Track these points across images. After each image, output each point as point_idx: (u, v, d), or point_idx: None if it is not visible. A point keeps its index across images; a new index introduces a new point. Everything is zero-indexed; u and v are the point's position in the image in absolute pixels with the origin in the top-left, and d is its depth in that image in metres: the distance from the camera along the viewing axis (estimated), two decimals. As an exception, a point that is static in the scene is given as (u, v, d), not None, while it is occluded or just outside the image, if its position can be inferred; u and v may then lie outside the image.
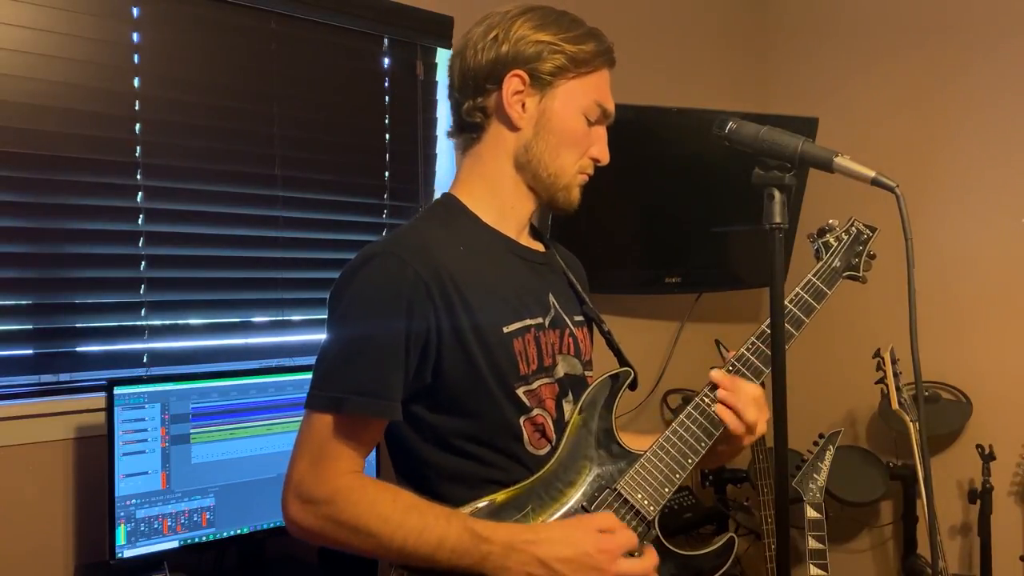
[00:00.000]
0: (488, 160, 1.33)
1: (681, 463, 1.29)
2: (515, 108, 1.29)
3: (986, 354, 2.69)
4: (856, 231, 1.47)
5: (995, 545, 2.47)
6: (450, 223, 1.30)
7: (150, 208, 1.95)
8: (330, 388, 1.17)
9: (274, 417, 1.89)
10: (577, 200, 1.35)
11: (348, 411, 1.16)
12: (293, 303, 2.20)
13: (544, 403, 1.28)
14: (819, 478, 2.33)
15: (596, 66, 1.31)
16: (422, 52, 2.39)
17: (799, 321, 1.37)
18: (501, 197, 1.33)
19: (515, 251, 1.34)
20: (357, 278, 1.21)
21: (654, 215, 2.65)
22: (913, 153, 2.82)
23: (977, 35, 2.71)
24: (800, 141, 1.15)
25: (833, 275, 1.42)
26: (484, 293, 1.24)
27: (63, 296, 1.86)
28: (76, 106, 1.85)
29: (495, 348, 1.22)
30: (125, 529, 1.69)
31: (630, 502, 1.26)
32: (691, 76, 3.01)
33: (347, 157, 2.30)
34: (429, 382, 1.21)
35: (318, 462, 1.17)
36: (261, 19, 2.11)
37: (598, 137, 1.34)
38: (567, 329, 1.36)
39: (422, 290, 1.18)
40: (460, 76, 1.33)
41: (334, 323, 1.22)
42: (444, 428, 1.23)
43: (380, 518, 1.14)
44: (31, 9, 1.78)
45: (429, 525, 1.14)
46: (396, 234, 1.30)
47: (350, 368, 1.17)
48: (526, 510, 1.21)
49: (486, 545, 1.14)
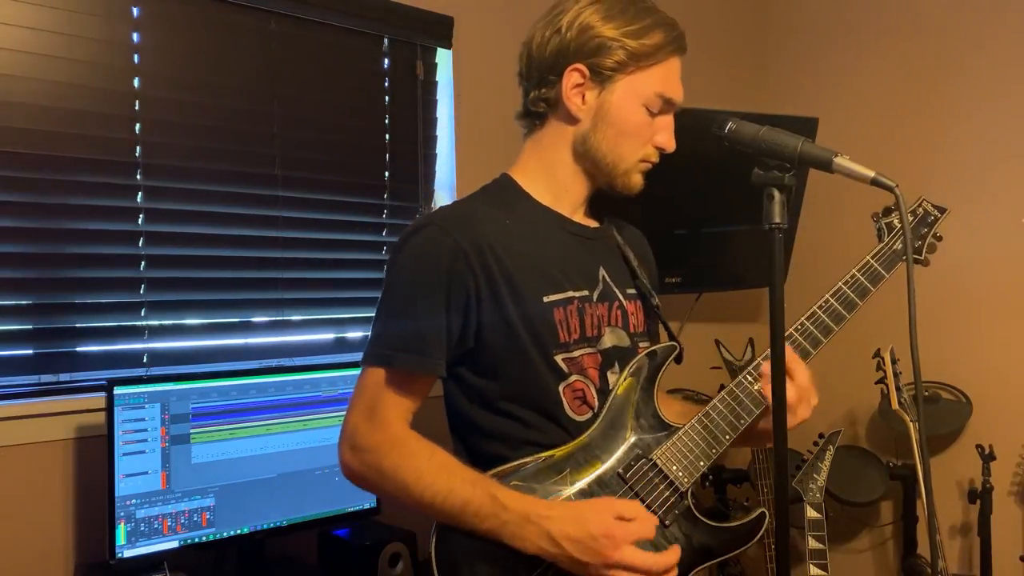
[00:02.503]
0: (548, 146, 1.37)
1: (719, 438, 1.32)
2: (574, 101, 1.32)
3: (986, 354, 2.69)
4: (924, 212, 1.47)
5: (995, 545, 2.47)
6: (502, 199, 1.36)
7: (150, 208, 1.95)
8: (381, 346, 1.28)
9: (274, 417, 1.89)
10: (639, 185, 1.37)
11: (396, 366, 1.26)
12: (293, 303, 2.20)
13: (586, 371, 1.32)
14: (819, 478, 2.33)
15: (660, 58, 1.32)
16: (422, 52, 2.39)
17: (852, 303, 1.38)
18: (557, 180, 1.38)
19: (565, 227, 1.38)
20: (406, 248, 1.30)
21: (654, 215, 2.64)
22: (913, 153, 2.82)
23: (977, 35, 2.71)
24: (800, 141, 1.14)
25: (893, 258, 1.41)
26: (525, 264, 1.29)
27: (63, 296, 1.86)
28: (76, 106, 1.85)
29: (534, 316, 1.28)
30: (125, 529, 1.69)
31: (664, 472, 1.30)
32: (691, 76, 2.99)
33: (347, 157, 2.30)
34: (472, 346, 1.28)
35: (369, 413, 1.26)
36: (261, 19, 2.11)
37: (662, 126, 1.35)
38: (616, 302, 1.39)
39: (461, 258, 1.25)
40: (527, 65, 1.37)
41: (385, 288, 1.31)
42: (486, 390, 1.30)
43: (415, 473, 1.23)
44: (31, 9, 1.78)
45: (456, 487, 1.21)
46: (444, 207, 1.38)
47: (397, 328, 1.27)
48: (564, 472, 1.27)
49: (505, 513, 1.20)
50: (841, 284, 1.38)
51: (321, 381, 1.96)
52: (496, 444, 1.30)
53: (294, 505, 1.91)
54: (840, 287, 1.39)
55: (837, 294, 1.39)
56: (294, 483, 1.91)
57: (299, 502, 1.91)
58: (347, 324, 2.31)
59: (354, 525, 2.01)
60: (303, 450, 1.92)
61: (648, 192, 1.39)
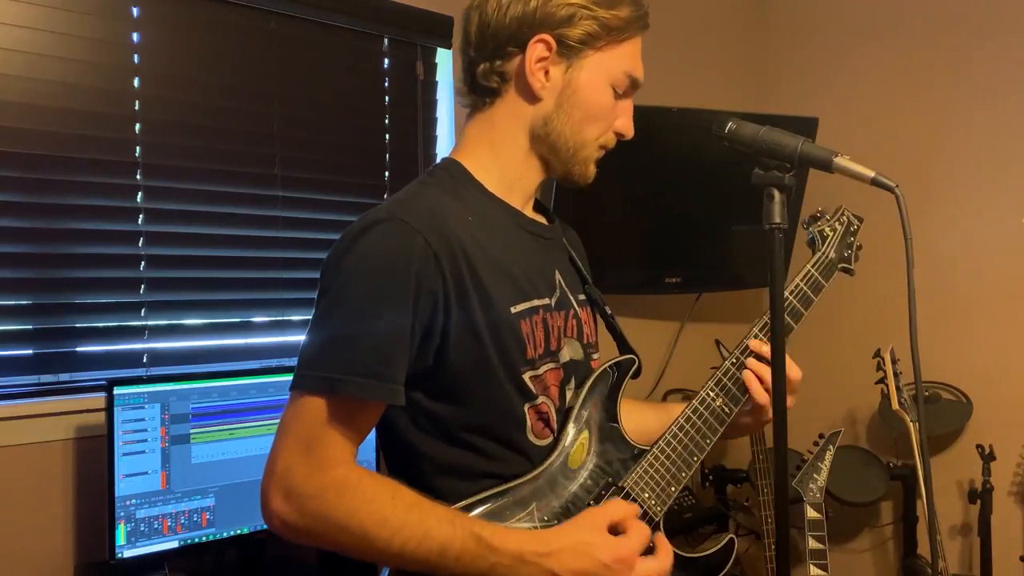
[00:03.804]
0: (500, 127, 1.22)
1: (687, 461, 1.25)
2: (538, 77, 1.17)
3: (986, 354, 2.69)
4: (847, 220, 1.46)
5: (995, 545, 2.47)
6: (456, 190, 1.19)
7: (150, 208, 1.95)
8: (323, 368, 1.04)
9: (274, 417, 1.89)
10: (593, 174, 1.25)
11: (346, 393, 1.03)
12: (293, 303, 2.20)
13: (548, 390, 1.19)
14: (819, 478, 2.33)
15: (630, 33, 1.20)
16: (422, 52, 2.39)
17: (798, 314, 1.36)
18: (509, 166, 1.22)
19: (523, 225, 1.24)
20: (358, 246, 1.07)
21: (654, 215, 2.65)
22: (913, 153, 2.82)
23: (978, 35, 2.71)
24: (800, 141, 1.14)
25: (830, 267, 1.41)
26: (493, 269, 1.13)
27: (63, 296, 1.86)
28: (76, 106, 1.85)
29: (503, 330, 1.12)
30: (125, 529, 1.69)
31: (637, 501, 1.21)
32: (691, 76, 3.01)
33: (347, 157, 2.30)
34: (430, 365, 1.09)
35: (307, 451, 1.03)
36: (261, 19, 2.11)
37: (624, 110, 1.23)
38: (571, 310, 1.26)
39: (432, 262, 1.06)
40: (479, 33, 1.21)
41: (330, 296, 1.08)
42: (442, 416, 1.12)
43: (377, 518, 1.02)
44: (31, 9, 1.78)
45: (431, 529, 1.03)
46: (400, 198, 1.16)
47: (349, 346, 1.04)
48: (530, 507, 1.14)
49: (494, 555, 1.05)
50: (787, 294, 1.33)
51: (321, 381, 1.96)
52: (450, 479, 1.13)
53: (294, 505, 1.90)
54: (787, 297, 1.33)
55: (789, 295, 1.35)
56: (294, 483, 1.91)
57: (299, 502, 1.91)
58: (347, 324, 2.31)
59: (354, 525, 2.01)
60: (303, 450, 1.92)
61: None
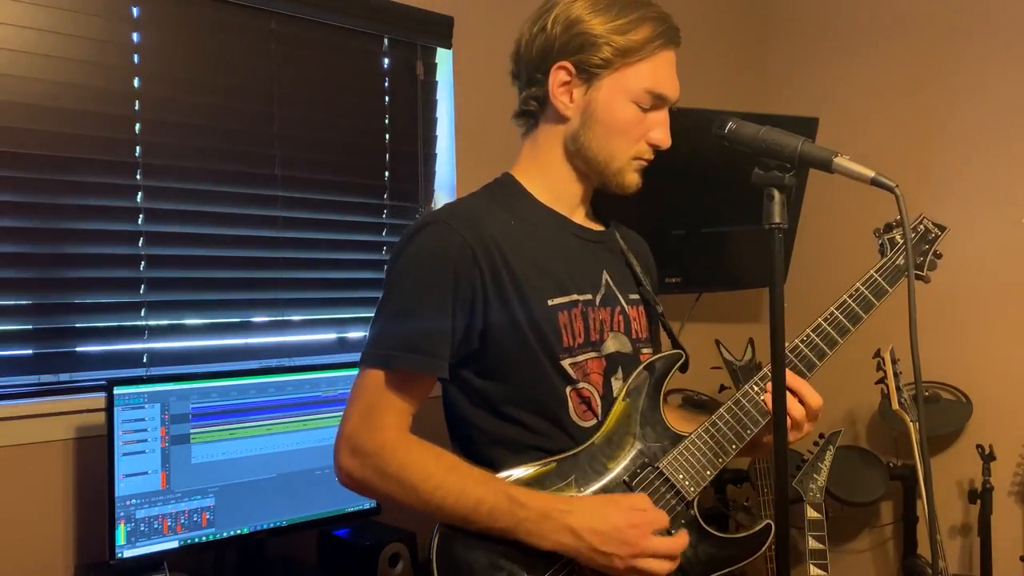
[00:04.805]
0: (542, 146, 1.36)
1: (725, 448, 1.32)
2: (561, 100, 1.31)
3: (986, 354, 2.69)
4: (924, 229, 1.47)
5: (995, 545, 2.47)
6: (505, 199, 1.35)
7: (150, 208, 1.95)
8: (380, 346, 1.24)
9: (274, 417, 1.89)
10: (634, 184, 1.35)
11: (396, 366, 1.22)
12: (293, 303, 2.20)
13: (590, 377, 1.31)
14: (819, 478, 2.33)
15: (647, 53, 1.29)
16: (422, 52, 2.39)
17: (856, 316, 1.37)
18: (554, 180, 1.37)
19: (569, 229, 1.37)
20: (410, 245, 1.27)
21: (654, 215, 2.64)
22: (913, 153, 2.82)
23: (977, 35, 2.71)
24: (800, 141, 1.14)
25: (896, 273, 1.40)
26: (530, 265, 1.28)
27: (63, 296, 1.85)
28: (76, 106, 1.85)
29: (539, 319, 1.26)
30: (125, 529, 1.69)
31: (671, 481, 1.29)
32: (691, 76, 2.99)
33: (347, 157, 2.30)
34: (476, 347, 1.26)
35: (368, 415, 1.23)
36: (261, 19, 2.11)
37: (656, 122, 1.33)
38: (619, 307, 1.38)
39: (468, 256, 1.23)
40: (516, 66, 1.37)
41: (387, 287, 1.28)
42: (491, 393, 1.28)
43: (423, 474, 1.19)
44: (31, 9, 1.78)
45: (468, 487, 1.19)
46: (450, 205, 1.37)
47: (399, 327, 1.24)
48: (569, 479, 1.26)
49: (522, 511, 1.18)
50: (846, 297, 1.38)
51: (321, 381, 1.96)
52: (499, 449, 1.28)
53: (294, 505, 1.91)
54: (845, 300, 1.37)
55: (842, 306, 1.37)
56: (294, 483, 1.91)
57: (299, 502, 1.91)
58: (347, 324, 2.31)
59: (354, 525, 2.01)
60: (303, 450, 1.92)
61: (648, 192, 1.38)
